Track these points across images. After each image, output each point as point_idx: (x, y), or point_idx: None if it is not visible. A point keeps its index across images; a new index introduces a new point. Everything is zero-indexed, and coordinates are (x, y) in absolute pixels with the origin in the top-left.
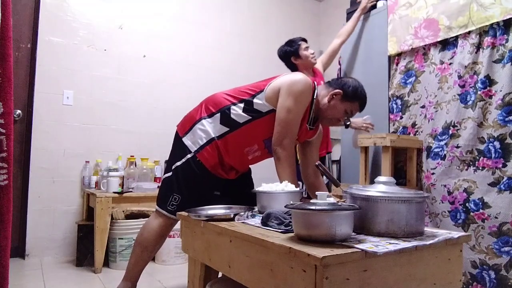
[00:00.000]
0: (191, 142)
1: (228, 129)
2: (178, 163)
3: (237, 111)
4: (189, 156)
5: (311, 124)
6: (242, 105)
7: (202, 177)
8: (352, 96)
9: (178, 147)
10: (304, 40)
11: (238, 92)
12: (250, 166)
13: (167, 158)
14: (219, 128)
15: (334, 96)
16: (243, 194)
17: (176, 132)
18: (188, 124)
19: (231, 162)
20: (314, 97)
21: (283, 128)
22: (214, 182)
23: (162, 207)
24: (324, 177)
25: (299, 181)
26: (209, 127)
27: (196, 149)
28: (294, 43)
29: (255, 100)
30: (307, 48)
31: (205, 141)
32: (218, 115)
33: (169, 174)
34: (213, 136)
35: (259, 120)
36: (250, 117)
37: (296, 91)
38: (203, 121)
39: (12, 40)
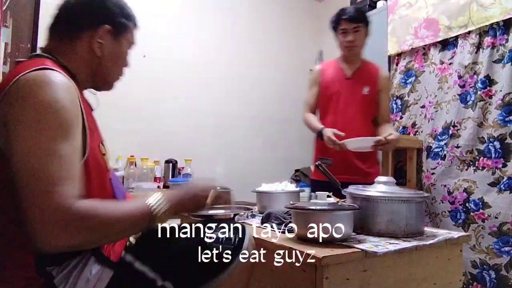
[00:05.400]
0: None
1: None
2: None
3: None
4: None
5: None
6: None
7: None
8: (126, 21)
9: None
10: (348, 19)
11: None
12: None
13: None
14: None
15: (100, 41)
16: None
17: None
18: None
19: None
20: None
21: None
22: None
23: None
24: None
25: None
26: None
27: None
28: (335, 16)
29: None
30: (344, 32)
31: None
32: None
33: None
34: None
35: None
36: None
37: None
38: None
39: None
